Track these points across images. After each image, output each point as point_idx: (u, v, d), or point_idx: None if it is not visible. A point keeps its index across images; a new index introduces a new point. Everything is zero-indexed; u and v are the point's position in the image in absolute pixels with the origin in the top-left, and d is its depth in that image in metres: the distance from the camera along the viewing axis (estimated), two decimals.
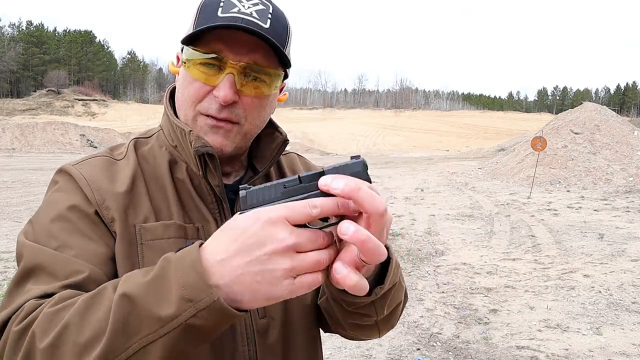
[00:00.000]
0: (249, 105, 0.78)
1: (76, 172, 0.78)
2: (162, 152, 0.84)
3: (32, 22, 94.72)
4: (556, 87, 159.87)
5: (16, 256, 0.74)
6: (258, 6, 0.75)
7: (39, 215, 0.76)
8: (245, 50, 0.74)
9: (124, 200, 0.77)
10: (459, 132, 71.52)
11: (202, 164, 0.79)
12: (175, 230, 0.78)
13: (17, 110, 58.92)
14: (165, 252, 0.71)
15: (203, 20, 0.74)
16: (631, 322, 4.48)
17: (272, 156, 0.87)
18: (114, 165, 0.82)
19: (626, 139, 17.06)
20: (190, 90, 0.77)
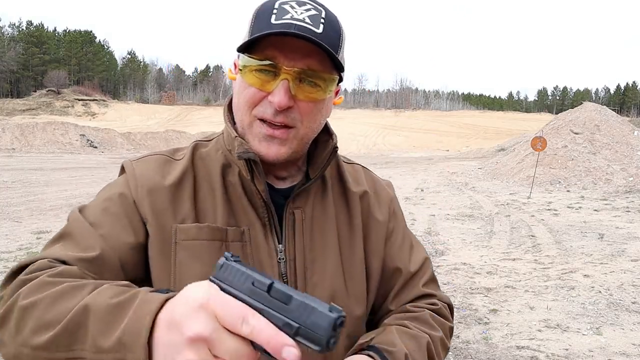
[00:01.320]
0: (304, 109, 0.78)
1: (130, 168, 0.84)
2: (218, 156, 0.87)
3: (32, 22, 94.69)
4: (556, 87, 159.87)
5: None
6: (310, 11, 0.76)
7: (97, 195, 0.84)
8: (299, 56, 0.75)
9: (167, 199, 0.81)
10: (459, 132, 71.52)
11: (250, 169, 0.80)
12: (209, 232, 0.80)
13: (17, 110, 58.93)
14: (198, 253, 0.79)
15: (258, 28, 0.75)
16: (631, 322, 4.48)
17: (323, 163, 0.86)
18: (169, 165, 0.86)
19: (626, 139, 17.07)
20: (246, 95, 0.79)
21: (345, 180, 0.94)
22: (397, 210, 0.99)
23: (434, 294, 0.95)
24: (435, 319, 0.90)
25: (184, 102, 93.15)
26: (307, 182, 0.87)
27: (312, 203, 0.88)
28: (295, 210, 0.85)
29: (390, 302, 0.92)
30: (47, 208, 9.93)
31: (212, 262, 0.73)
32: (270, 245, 0.83)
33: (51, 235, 4.63)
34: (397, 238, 0.95)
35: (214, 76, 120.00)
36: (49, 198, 11.37)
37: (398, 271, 0.93)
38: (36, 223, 8.33)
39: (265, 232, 0.83)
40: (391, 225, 0.95)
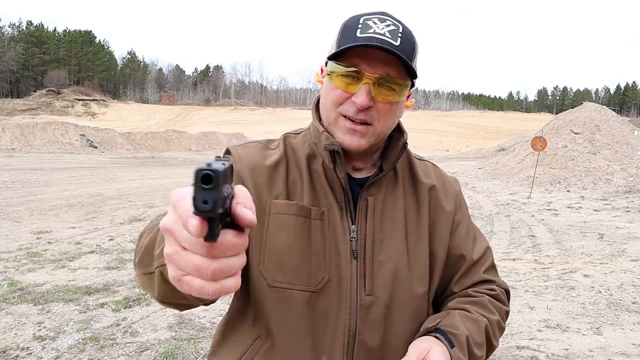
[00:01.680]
0: (381, 109, 0.92)
1: (235, 151, 1.00)
2: (304, 147, 1.02)
3: (32, 22, 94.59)
4: (556, 87, 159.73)
5: None
6: (390, 27, 0.90)
7: None
8: (379, 64, 0.89)
9: (265, 177, 0.96)
10: (459, 132, 71.51)
11: (333, 159, 0.95)
12: (297, 209, 0.94)
13: (17, 110, 58.92)
14: (285, 226, 0.94)
15: (344, 40, 0.90)
16: (631, 322, 4.48)
17: (395, 157, 1.00)
18: (266, 151, 1.01)
19: (626, 139, 17.06)
20: (333, 96, 0.93)
21: (416, 173, 1.07)
22: (462, 204, 1.13)
23: (494, 280, 1.08)
24: (493, 303, 1.03)
25: (184, 102, 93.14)
26: (380, 173, 1.00)
27: (384, 192, 1.01)
28: (368, 197, 0.99)
29: (454, 285, 1.05)
30: (47, 208, 9.93)
31: (296, 234, 0.93)
32: (344, 225, 0.96)
33: (51, 235, 4.65)
34: (462, 229, 1.08)
35: (214, 76, 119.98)
36: (49, 198, 11.37)
37: (462, 258, 1.05)
38: (36, 223, 8.33)
39: (342, 214, 0.96)
40: (457, 217, 1.08)
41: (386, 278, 0.95)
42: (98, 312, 4.32)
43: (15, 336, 3.80)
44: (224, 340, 1.03)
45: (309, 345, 0.92)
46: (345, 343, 0.92)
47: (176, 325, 4.07)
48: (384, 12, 0.95)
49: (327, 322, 0.92)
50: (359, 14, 0.95)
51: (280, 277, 0.91)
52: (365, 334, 0.93)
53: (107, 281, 5.19)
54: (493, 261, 1.10)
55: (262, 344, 0.95)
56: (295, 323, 0.92)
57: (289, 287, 0.92)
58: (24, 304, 4.50)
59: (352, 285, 0.94)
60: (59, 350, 3.57)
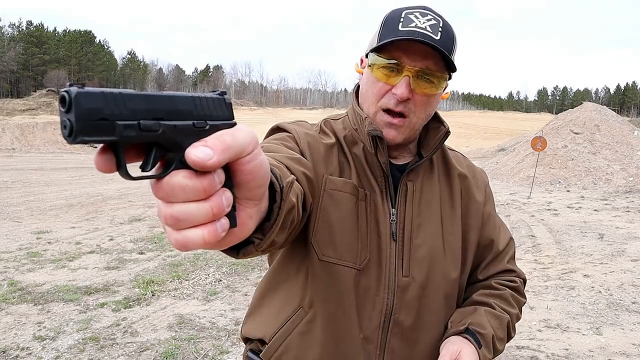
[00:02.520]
0: (419, 101, 0.95)
1: (291, 127, 1.01)
2: (345, 132, 1.05)
3: (32, 22, 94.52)
4: (556, 87, 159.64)
5: None
6: (431, 21, 0.92)
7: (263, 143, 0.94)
8: (419, 58, 0.91)
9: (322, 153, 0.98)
10: (458, 132, 71.46)
11: (374, 144, 0.98)
12: (352, 188, 0.97)
13: (17, 110, 58.88)
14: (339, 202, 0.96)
15: (387, 33, 0.93)
16: (631, 322, 4.48)
17: (436, 145, 1.03)
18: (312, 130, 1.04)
19: (626, 139, 17.06)
20: (374, 89, 0.96)
21: (450, 162, 1.11)
22: (491, 195, 1.17)
23: (514, 270, 1.15)
24: (514, 297, 1.10)
25: None
26: (420, 160, 1.03)
27: (421, 178, 1.04)
28: (408, 182, 1.03)
29: (480, 272, 1.11)
30: (47, 208, 9.93)
31: (347, 210, 0.95)
32: (385, 208, 0.99)
33: (51, 235, 4.65)
34: (491, 219, 1.13)
35: (214, 76, 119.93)
36: (49, 198, 11.36)
37: (489, 247, 1.11)
38: (36, 223, 8.32)
39: (383, 197, 1.00)
40: (487, 208, 1.13)
41: (422, 261, 0.99)
42: (98, 312, 4.32)
43: (15, 336, 3.80)
44: (262, 304, 1.06)
45: (348, 321, 0.95)
46: (381, 321, 0.97)
47: (176, 325, 4.07)
48: (426, 7, 0.96)
49: (367, 300, 0.96)
50: (401, 7, 0.97)
51: (330, 252, 0.94)
52: (401, 314, 0.97)
53: (107, 281, 5.19)
54: (514, 251, 1.17)
55: (304, 315, 0.98)
56: (340, 298, 0.95)
57: (338, 262, 0.95)
58: (24, 304, 4.50)
59: (390, 266, 0.98)
60: (59, 350, 3.57)
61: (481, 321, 1.00)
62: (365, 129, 0.97)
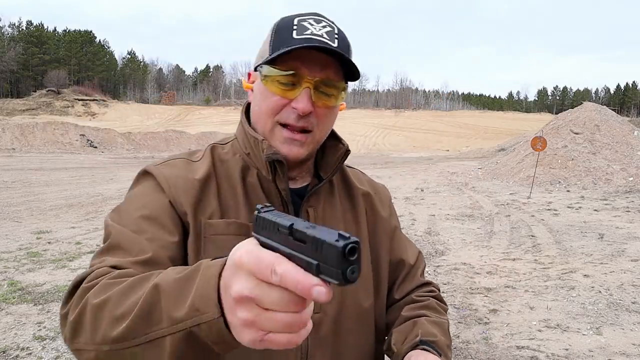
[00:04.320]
0: (321, 114, 0.88)
1: (157, 172, 0.90)
2: (236, 159, 0.94)
3: (32, 22, 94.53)
4: (556, 87, 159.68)
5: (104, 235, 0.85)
6: (326, 28, 0.87)
7: (125, 204, 0.88)
8: (318, 67, 0.84)
9: (196, 196, 0.88)
10: (459, 132, 71.50)
11: (272, 170, 0.89)
12: (236, 228, 0.87)
13: (17, 110, 58.91)
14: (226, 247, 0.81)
15: (279, 42, 0.85)
16: (631, 322, 4.48)
17: (336, 165, 0.96)
18: (191, 166, 0.92)
19: (626, 139, 17.07)
20: (269, 103, 0.87)
21: (350, 181, 1.05)
22: (394, 210, 1.12)
23: (430, 282, 1.10)
24: (439, 304, 1.05)
25: (184, 102, 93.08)
26: (319, 182, 0.96)
27: (322, 202, 0.97)
28: (309, 209, 0.94)
29: (396, 292, 1.05)
30: (47, 208, 9.93)
31: None
32: None
33: (51, 235, 4.66)
34: (398, 234, 1.09)
35: (214, 76, 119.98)
36: (49, 198, 11.37)
37: (402, 263, 1.06)
38: (36, 223, 8.32)
39: None
40: (393, 223, 1.09)
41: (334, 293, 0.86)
42: None
43: (15, 336, 3.80)
44: None
45: None
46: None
47: None
48: (318, 14, 0.90)
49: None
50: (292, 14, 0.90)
51: None
52: (317, 354, 0.90)
53: None
54: (425, 265, 1.13)
55: None
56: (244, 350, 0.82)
57: None
58: (24, 304, 4.50)
59: None
60: (59, 350, 3.57)
61: (428, 330, 0.94)
62: (263, 154, 0.87)
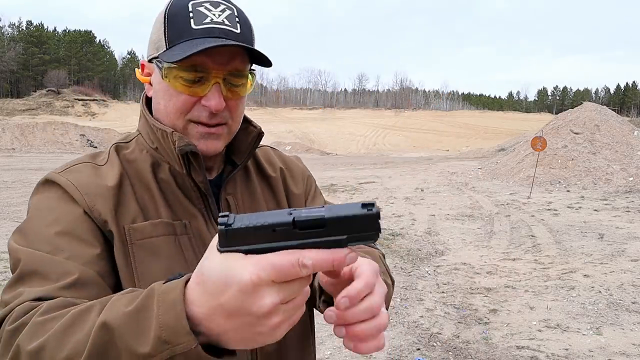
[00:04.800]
0: (233, 107, 0.83)
1: (63, 180, 0.79)
2: (144, 155, 0.87)
3: (32, 22, 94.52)
4: (556, 87, 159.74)
5: (11, 263, 0.74)
6: (226, 12, 0.80)
7: (29, 222, 0.77)
8: (225, 59, 0.79)
9: (113, 201, 0.79)
10: (458, 132, 71.50)
11: (186, 162, 0.83)
12: (164, 227, 0.81)
13: (17, 110, 58.91)
14: (156, 250, 0.79)
15: (176, 33, 0.78)
16: (631, 322, 4.48)
17: (249, 149, 0.92)
18: (98, 170, 0.83)
19: (626, 139, 17.06)
20: (176, 102, 0.81)
21: (261, 163, 1.00)
22: (311, 180, 1.07)
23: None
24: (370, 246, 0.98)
25: None
26: (234, 168, 0.91)
27: (240, 189, 0.93)
28: (227, 197, 0.90)
29: None
30: None
31: (170, 255, 0.80)
32: (213, 233, 0.85)
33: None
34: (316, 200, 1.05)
35: None
36: None
37: None
38: None
39: (206, 222, 0.86)
40: (305, 195, 1.04)
41: None
42: None
43: None
44: None
45: None
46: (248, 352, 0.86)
47: None
48: None
49: None
50: None
51: None
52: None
53: None
54: None
55: None
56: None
57: None
58: None
59: None
60: None
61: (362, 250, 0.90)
62: (175, 147, 0.80)
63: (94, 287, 0.71)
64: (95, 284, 0.72)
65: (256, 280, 0.47)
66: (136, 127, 0.93)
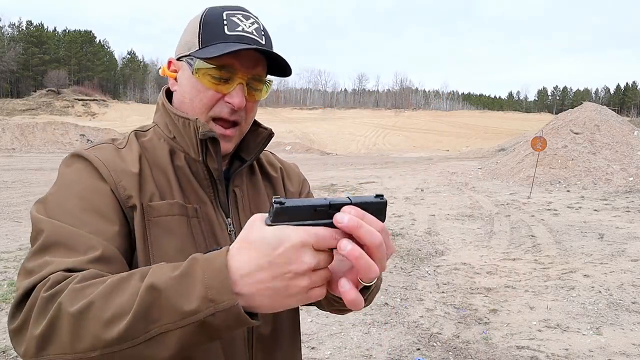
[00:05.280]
0: (249, 108, 0.92)
1: (92, 155, 0.85)
2: (161, 144, 0.93)
3: (32, 22, 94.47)
4: (556, 87, 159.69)
5: (33, 232, 0.76)
6: (254, 25, 0.90)
7: (55, 194, 0.80)
8: (251, 64, 0.88)
9: (136, 179, 0.85)
10: (459, 132, 71.49)
11: (203, 150, 0.90)
12: (179, 208, 0.87)
13: (17, 110, 58.88)
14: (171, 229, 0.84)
15: (211, 36, 0.87)
16: (631, 322, 4.48)
17: (258, 148, 1.00)
18: (120, 152, 0.89)
19: (626, 139, 17.06)
20: (203, 98, 0.89)
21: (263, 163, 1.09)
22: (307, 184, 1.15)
23: None
24: None
25: None
26: (242, 164, 0.99)
27: (245, 183, 1.01)
28: (235, 189, 0.97)
29: None
30: None
31: (183, 235, 0.85)
32: (220, 220, 0.92)
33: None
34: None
35: None
36: None
37: None
38: None
39: (215, 208, 0.92)
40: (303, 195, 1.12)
41: None
42: None
43: None
44: None
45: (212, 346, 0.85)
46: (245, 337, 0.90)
47: None
48: (244, 8, 0.93)
49: None
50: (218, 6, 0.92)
51: None
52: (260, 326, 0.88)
53: None
54: None
55: None
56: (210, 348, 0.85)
57: None
58: None
59: None
60: None
61: None
62: (199, 131, 0.88)
63: (116, 264, 0.75)
64: (117, 261, 0.76)
65: (305, 241, 0.56)
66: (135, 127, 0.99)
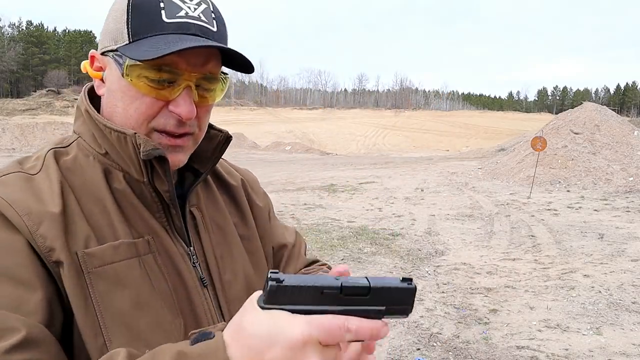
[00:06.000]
0: (201, 114, 0.73)
1: None
2: (91, 163, 0.72)
3: (32, 22, 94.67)
4: (556, 87, 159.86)
5: None
6: (202, 5, 0.70)
7: None
8: (201, 61, 0.69)
9: (60, 221, 0.64)
10: (459, 132, 71.52)
11: (148, 170, 0.71)
12: (126, 249, 0.68)
13: (17, 110, 58.89)
14: (120, 278, 0.65)
15: (142, 25, 0.67)
16: (631, 322, 4.48)
17: (215, 155, 0.82)
18: (32, 182, 0.67)
19: (626, 139, 17.06)
20: (139, 106, 0.69)
21: (219, 172, 0.91)
22: (269, 199, 1.01)
23: (317, 259, 1.03)
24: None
25: None
26: (197, 178, 0.81)
27: (203, 200, 0.83)
28: (192, 209, 0.80)
29: None
30: None
31: (136, 282, 0.67)
32: (180, 250, 0.75)
33: None
34: (273, 218, 0.99)
35: None
36: None
37: (284, 247, 0.98)
38: None
39: (171, 237, 0.75)
40: (267, 209, 0.98)
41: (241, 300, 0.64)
42: None
43: None
44: None
45: None
46: None
47: None
48: None
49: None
50: None
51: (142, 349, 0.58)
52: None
53: None
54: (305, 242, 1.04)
55: None
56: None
57: None
58: None
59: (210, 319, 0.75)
60: None
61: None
62: (140, 150, 0.67)
63: (46, 344, 0.58)
64: (46, 341, 0.59)
65: (307, 338, 0.46)
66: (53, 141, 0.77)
